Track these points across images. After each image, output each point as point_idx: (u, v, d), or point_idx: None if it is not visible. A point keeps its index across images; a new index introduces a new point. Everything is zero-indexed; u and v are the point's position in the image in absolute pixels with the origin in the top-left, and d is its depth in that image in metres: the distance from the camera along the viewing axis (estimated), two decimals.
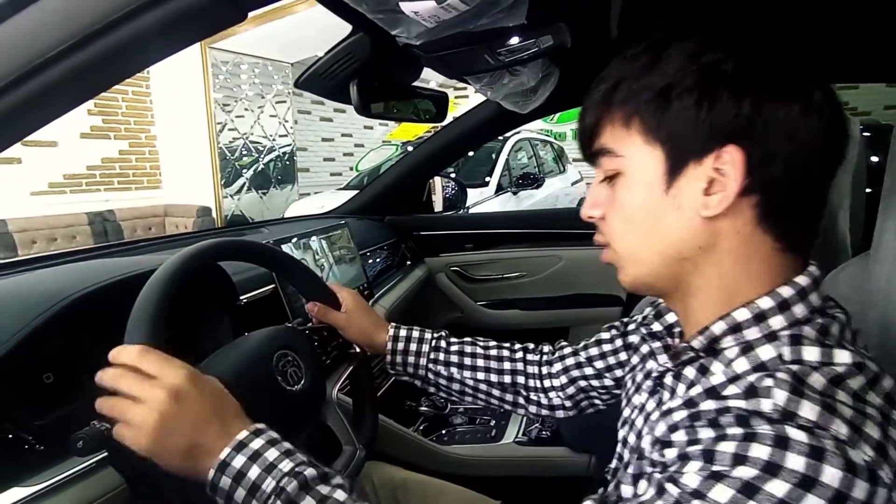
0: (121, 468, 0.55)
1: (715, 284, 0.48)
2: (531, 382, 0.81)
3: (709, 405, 0.41)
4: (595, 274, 1.78)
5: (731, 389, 0.42)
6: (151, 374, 0.50)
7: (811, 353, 0.43)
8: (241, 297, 0.90)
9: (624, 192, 0.50)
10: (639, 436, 0.56)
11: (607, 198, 0.52)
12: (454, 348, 0.83)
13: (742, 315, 0.46)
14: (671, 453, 0.41)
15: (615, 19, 0.95)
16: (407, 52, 0.91)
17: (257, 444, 0.52)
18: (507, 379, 0.81)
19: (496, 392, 0.82)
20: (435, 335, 0.84)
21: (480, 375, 0.81)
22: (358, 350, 0.81)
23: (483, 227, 1.90)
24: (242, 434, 0.52)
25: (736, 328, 0.46)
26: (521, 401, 0.82)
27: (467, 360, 0.82)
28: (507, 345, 0.84)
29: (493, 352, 0.83)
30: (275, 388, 0.64)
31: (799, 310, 0.45)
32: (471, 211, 3.69)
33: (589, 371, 0.77)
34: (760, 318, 0.46)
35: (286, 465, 0.51)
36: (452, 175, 3.01)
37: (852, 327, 0.47)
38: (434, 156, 1.75)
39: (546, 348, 0.83)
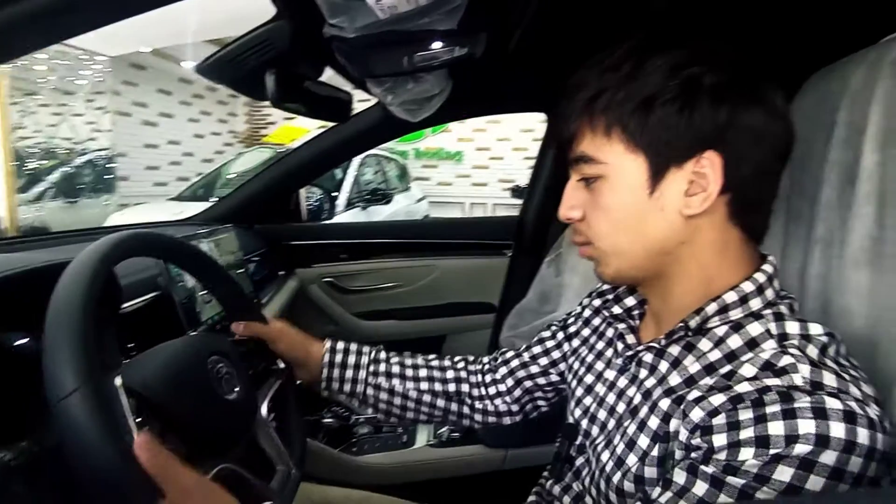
0: None
1: (695, 273, 0.53)
2: (475, 391, 0.81)
3: (744, 388, 0.45)
4: (469, 283, 1.85)
5: (750, 369, 0.46)
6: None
7: (793, 327, 0.49)
8: (124, 305, 0.77)
9: (607, 195, 0.53)
10: (610, 411, 0.60)
11: (586, 200, 0.56)
12: (394, 359, 0.80)
13: (731, 297, 0.51)
14: (718, 440, 0.44)
15: (517, 34, 1.02)
16: (318, 47, 0.88)
17: None
18: (452, 387, 0.80)
19: (441, 402, 0.80)
20: (372, 348, 0.81)
21: (424, 385, 0.79)
22: (283, 366, 0.75)
23: (358, 236, 1.87)
24: None
25: (724, 309, 0.51)
26: (467, 410, 0.81)
27: (409, 371, 0.79)
28: (447, 358, 0.83)
29: (435, 362, 0.82)
30: (212, 395, 0.56)
31: (770, 293, 0.52)
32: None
33: (535, 369, 0.78)
34: (744, 300, 0.51)
35: None
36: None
37: None
38: (309, 163, 1.67)
39: (486, 358, 0.84)
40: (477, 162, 8.60)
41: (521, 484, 0.93)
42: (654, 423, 0.53)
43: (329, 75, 1.03)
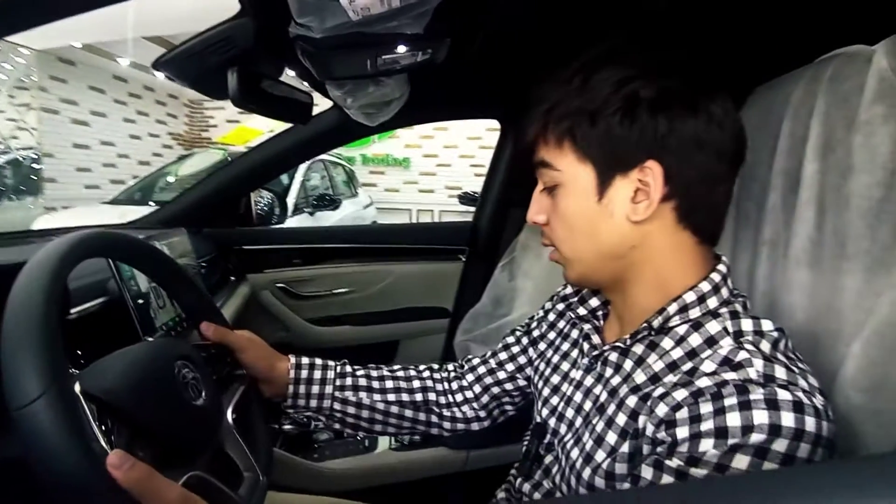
0: None
1: (651, 276, 0.56)
2: (442, 398, 0.81)
3: (704, 383, 0.47)
4: (424, 288, 1.86)
5: (710, 365, 0.49)
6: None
7: (747, 325, 0.52)
8: (71, 311, 0.73)
9: (563, 201, 0.57)
10: (578, 409, 0.62)
11: (549, 206, 0.59)
12: (360, 372, 0.80)
13: (690, 297, 0.54)
14: (681, 432, 0.46)
15: (477, 42, 1.04)
16: (280, 46, 0.86)
17: None
18: (419, 397, 0.80)
19: (409, 413, 0.80)
20: (337, 362, 0.80)
21: (391, 397, 0.79)
22: (246, 371, 0.73)
23: (311, 241, 1.84)
24: None
25: (684, 308, 0.54)
26: (435, 418, 0.81)
27: (375, 384, 0.79)
28: (412, 367, 0.84)
29: (401, 372, 0.82)
30: (179, 401, 0.54)
31: (725, 292, 0.55)
32: None
33: (502, 375, 0.80)
34: (702, 299, 0.54)
35: None
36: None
37: None
38: (262, 166, 1.63)
39: (451, 366, 0.85)
40: (424, 168, 8.63)
41: (485, 484, 0.94)
42: (621, 419, 0.54)
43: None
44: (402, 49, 0.87)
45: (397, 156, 8.61)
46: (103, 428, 0.45)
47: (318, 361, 0.79)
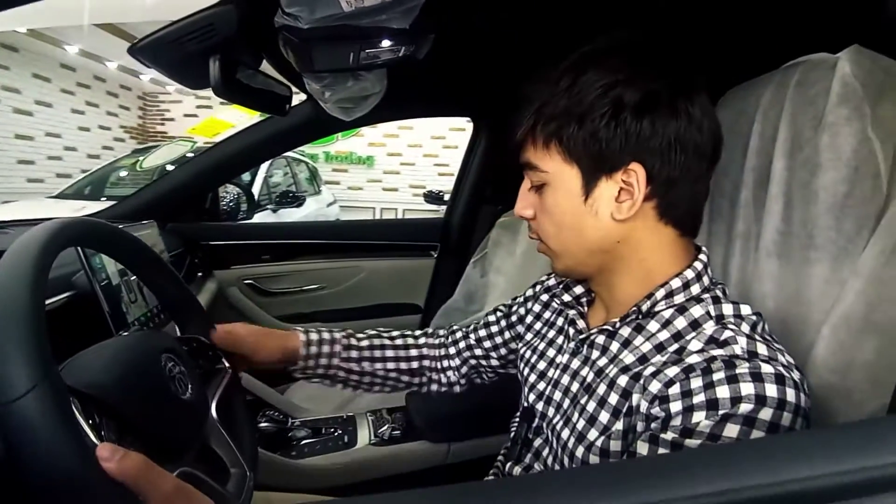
0: None
1: (635, 267, 0.59)
2: (434, 364, 0.89)
3: (694, 360, 0.51)
4: (395, 284, 1.86)
5: (697, 344, 0.53)
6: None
7: (728, 309, 0.56)
8: None
9: (550, 199, 0.60)
10: (565, 392, 0.64)
11: (536, 202, 0.62)
12: (364, 343, 0.86)
13: (675, 283, 0.57)
14: (675, 407, 0.49)
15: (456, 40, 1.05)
16: (261, 36, 0.85)
17: None
18: (415, 364, 0.88)
19: (405, 378, 0.88)
20: (343, 335, 0.86)
21: (391, 365, 0.86)
22: (227, 365, 0.72)
23: (280, 237, 1.81)
24: None
25: (670, 294, 0.57)
26: (425, 380, 0.89)
27: (377, 353, 0.86)
28: (409, 333, 0.90)
29: (399, 341, 0.89)
30: (167, 395, 0.53)
31: (706, 280, 0.59)
32: None
33: (478, 351, 0.86)
34: (686, 286, 0.58)
35: None
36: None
37: None
38: (230, 160, 1.60)
39: (441, 332, 0.91)
40: (388, 167, 8.59)
41: (467, 477, 0.96)
42: (613, 399, 0.57)
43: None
44: (386, 43, 0.87)
45: (361, 154, 8.54)
46: (90, 422, 0.44)
47: (326, 336, 0.84)
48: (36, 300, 0.42)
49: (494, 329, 0.85)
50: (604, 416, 0.57)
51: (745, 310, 0.56)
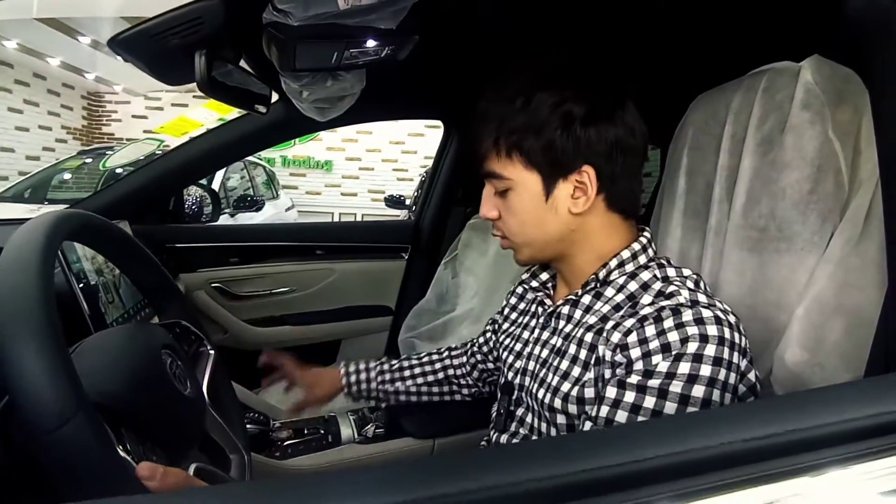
0: None
1: (588, 249, 0.69)
2: (459, 372, 1.02)
3: (647, 311, 0.59)
4: (366, 286, 1.85)
5: (648, 298, 0.62)
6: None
7: (671, 272, 0.66)
8: None
9: (515, 202, 0.68)
10: (536, 360, 0.72)
11: (500, 204, 0.70)
12: (396, 366, 1.02)
13: (626, 254, 0.67)
14: (634, 353, 0.58)
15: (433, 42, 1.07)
16: (243, 33, 0.85)
17: None
18: (441, 375, 1.02)
19: (435, 389, 1.02)
20: (377, 362, 1.02)
21: (420, 381, 1.01)
22: (210, 348, 0.71)
23: (248, 239, 1.78)
24: None
25: (621, 264, 0.67)
26: (455, 388, 1.02)
27: (407, 372, 1.01)
28: (436, 350, 1.05)
29: (425, 357, 1.04)
30: (173, 394, 0.52)
31: (651, 251, 0.69)
32: None
33: (479, 357, 0.98)
34: (634, 256, 0.67)
35: None
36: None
37: None
38: (197, 161, 1.56)
39: (467, 343, 1.03)
40: (347, 172, 8.52)
41: None
42: (582, 354, 0.65)
43: None
44: (371, 44, 0.88)
45: (319, 158, 8.44)
46: (117, 439, 0.43)
47: (362, 366, 1.01)
48: (51, 313, 0.40)
49: (489, 335, 0.96)
50: (576, 371, 0.65)
51: (687, 271, 0.66)
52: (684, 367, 0.54)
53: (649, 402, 0.55)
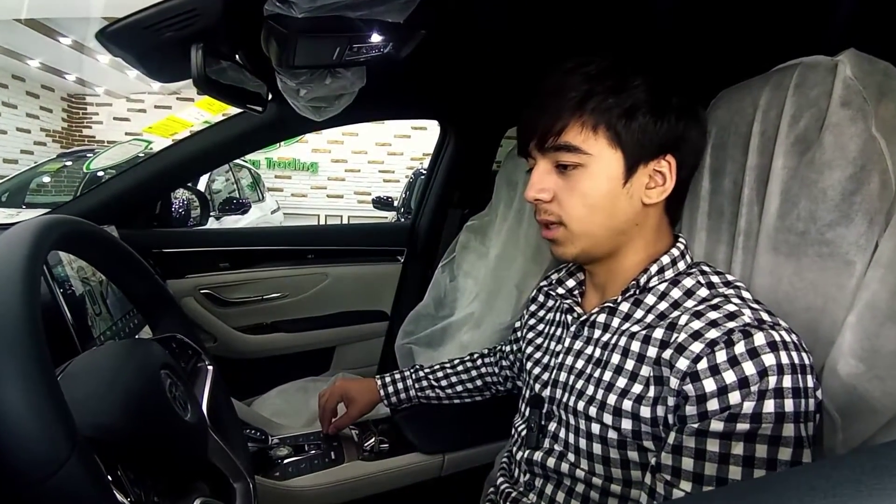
0: None
1: (641, 248, 0.67)
2: (493, 374, 1.04)
3: (713, 334, 0.55)
4: (361, 290, 1.80)
5: (692, 303, 0.60)
6: None
7: (716, 278, 0.63)
8: None
9: (585, 182, 0.63)
10: (570, 370, 0.68)
11: (558, 184, 0.64)
12: (431, 375, 1.05)
13: (665, 260, 0.66)
14: (708, 385, 0.53)
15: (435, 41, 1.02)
16: (239, 28, 0.80)
17: None
18: (479, 382, 1.05)
19: (476, 394, 1.06)
20: (412, 370, 1.06)
21: (459, 388, 1.05)
22: (207, 362, 0.66)
23: (238, 243, 1.71)
24: None
25: (661, 269, 0.65)
26: (488, 391, 1.06)
27: (444, 381, 1.05)
28: (468, 357, 1.08)
29: (460, 366, 1.06)
30: (175, 421, 0.47)
31: (689, 258, 0.67)
32: None
33: (505, 363, 1.00)
34: (673, 263, 0.66)
35: None
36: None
37: None
38: (185, 163, 1.49)
39: (497, 348, 1.05)
40: (332, 174, 8.44)
41: (464, 487, 0.92)
42: (629, 364, 0.61)
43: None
44: (375, 38, 0.83)
45: (304, 160, 8.35)
46: (113, 480, 0.38)
47: (397, 375, 1.06)
48: (39, 342, 0.35)
49: (512, 343, 0.96)
50: (622, 382, 0.61)
51: (729, 277, 0.64)
52: (769, 406, 0.51)
53: (737, 448, 0.51)
